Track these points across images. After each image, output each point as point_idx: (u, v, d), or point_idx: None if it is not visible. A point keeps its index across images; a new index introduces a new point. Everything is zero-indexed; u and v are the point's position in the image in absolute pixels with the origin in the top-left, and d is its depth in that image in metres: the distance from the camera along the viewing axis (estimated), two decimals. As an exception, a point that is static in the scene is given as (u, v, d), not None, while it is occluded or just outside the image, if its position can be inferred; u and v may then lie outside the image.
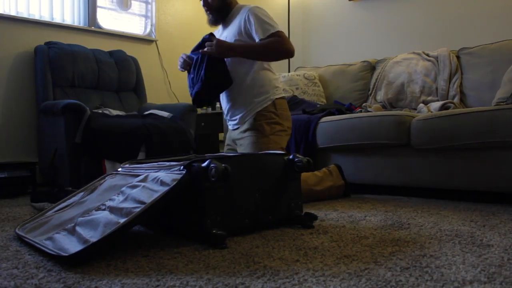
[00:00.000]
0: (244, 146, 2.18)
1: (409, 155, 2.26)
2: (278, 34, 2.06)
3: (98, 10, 3.57)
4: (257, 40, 2.08)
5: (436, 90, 2.84)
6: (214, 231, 1.28)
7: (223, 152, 2.61)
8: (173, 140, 2.82)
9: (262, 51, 2.08)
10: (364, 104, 2.98)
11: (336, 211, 1.88)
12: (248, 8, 2.13)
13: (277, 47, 2.07)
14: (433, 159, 2.18)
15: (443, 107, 2.56)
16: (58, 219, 1.43)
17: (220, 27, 2.31)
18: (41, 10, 3.23)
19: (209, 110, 3.96)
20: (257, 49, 2.08)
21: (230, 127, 2.34)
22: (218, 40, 2.06)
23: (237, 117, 2.21)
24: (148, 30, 3.95)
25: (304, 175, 2.13)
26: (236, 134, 2.26)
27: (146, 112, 3.13)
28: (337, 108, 2.79)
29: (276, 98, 2.18)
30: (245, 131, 2.18)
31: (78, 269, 1.07)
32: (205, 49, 2.07)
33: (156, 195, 1.24)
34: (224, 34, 2.22)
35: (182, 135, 2.91)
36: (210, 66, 2.07)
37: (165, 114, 3.06)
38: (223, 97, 2.28)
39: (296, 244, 1.29)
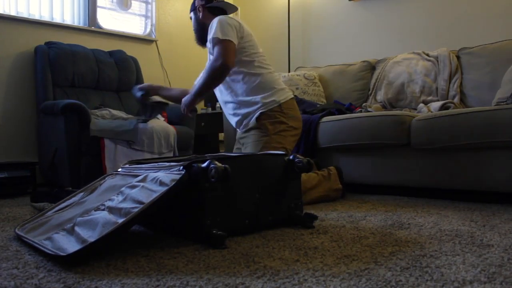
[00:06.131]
0: (246, 145, 2.19)
1: (409, 155, 2.26)
2: (215, 42, 2.03)
3: (98, 10, 3.57)
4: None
5: (436, 90, 2.84)
6: (214, 231, 1.28)
7: (223, 152, 2.61)
8: (173, 140, 2.82)
9: (206, 86, 2.10)
10: (364, 104, 2.97)
11: (336, 211, 1.88)
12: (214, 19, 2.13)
13: (213, 75, 2.05)
14: (433, 159, 2.18)
15: (443, 107, 2.56)
16: (58, 219, 1.43)
17: None
18: (41, 10, 3.23)
19: (209, 110, 3.96)
20: (202, 88, 2.10)
21: (236, 128, 2.36)
22: (184, 103, 2.19)
23: (240, 116, 2.22)
24: (148, 30, 3.95)
25: (303, 176, 2.13)
26: (240, 133, 2.30)
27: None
28: (337, 108, 2.79)
29: (283, 102, 2.17)
30: (248, 130, 2.21)
31: (78, 269, 1.07)
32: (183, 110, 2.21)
33: (154, 195, 1.24)
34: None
35: (182, 135, 2.91)
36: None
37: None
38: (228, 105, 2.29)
39: (296, 244, 1.29)
